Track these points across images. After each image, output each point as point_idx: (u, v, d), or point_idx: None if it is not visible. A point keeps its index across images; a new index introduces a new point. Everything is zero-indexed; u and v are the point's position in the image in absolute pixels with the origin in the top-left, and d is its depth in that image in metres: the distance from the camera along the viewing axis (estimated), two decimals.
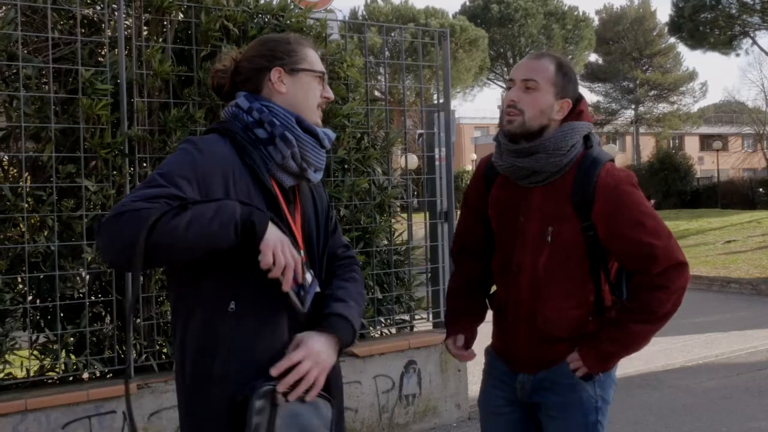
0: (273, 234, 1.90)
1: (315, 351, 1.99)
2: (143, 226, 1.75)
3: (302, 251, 2.11)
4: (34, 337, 4.32)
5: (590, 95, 56.37)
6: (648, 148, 50.53)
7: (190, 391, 2.01)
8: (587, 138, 2.47)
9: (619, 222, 2.36)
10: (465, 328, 2.67)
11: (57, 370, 4.36)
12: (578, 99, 2.50)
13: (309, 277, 2.04)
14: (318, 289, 2.08)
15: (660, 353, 8.09)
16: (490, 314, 2.73)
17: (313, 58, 2.19)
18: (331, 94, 2.23)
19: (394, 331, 5.67)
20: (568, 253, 2.41)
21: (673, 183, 35.62)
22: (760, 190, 33.54)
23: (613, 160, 2.47)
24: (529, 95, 2.41)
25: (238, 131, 2.06)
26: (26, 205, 4.15)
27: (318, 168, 2.16)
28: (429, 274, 5.94)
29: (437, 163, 6.04)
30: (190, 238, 1.80)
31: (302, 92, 2.15)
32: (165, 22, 4.66)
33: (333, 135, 2.22)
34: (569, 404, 2.46)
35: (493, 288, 2.72)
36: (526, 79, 2.43)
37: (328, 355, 2.02)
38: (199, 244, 1.83)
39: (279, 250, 1.89)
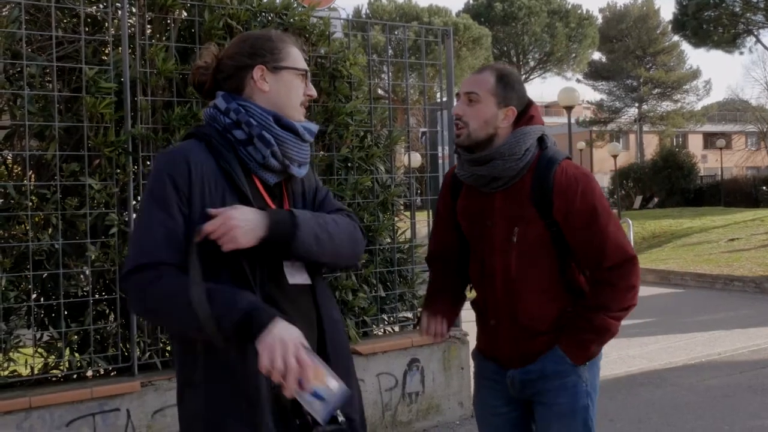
0: (276, 334, 1.78)
1: (231, 213, 1.91)
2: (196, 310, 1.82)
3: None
4: (38, 335, 4.33)
5: (594, 93, 56.39)
6: (651, 146, 50.45)
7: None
8: (542, 140, 2.58)
9: (574, 217, 2.46)
10: (444, 310, 2.78)
11: (61, 367, 4.37)
12: (527, 105, 2.60)
13: (334, 384, 1.78)
14: (341, 399, 1.82)
15: (663, 351, 8.09)
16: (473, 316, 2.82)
17: (295, 55, 2.17)
18: (313, 92, 2.21)
19: (397, 329, 5.67)
20: (537, 251, 2.52)
21: (676, 181, 35.59)
22: (764, 188, 33.50)
23: (569, 158, 2.58)
24: (472, 107, 2.54)
25: (214, 135, 2.06)
26: (30, 204, 4.16)
27: (302, 162, 2.15)
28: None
29: (440, 161, 6.05)
30: (197, 313, 1.83)
31: (285, 90, 2.13)
32: (168, 21, 4.66)
33: (315, 127, 2.21)
34: (559, 389, 2.55)
35: (473, 293, 2.80)
36: (468, 92, 2.55)
37: (248, 220, 1.92)
38: (202, 321, 1.82)
39: (278, 353, 1.75)
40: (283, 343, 1.77)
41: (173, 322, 1.95)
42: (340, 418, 1.91)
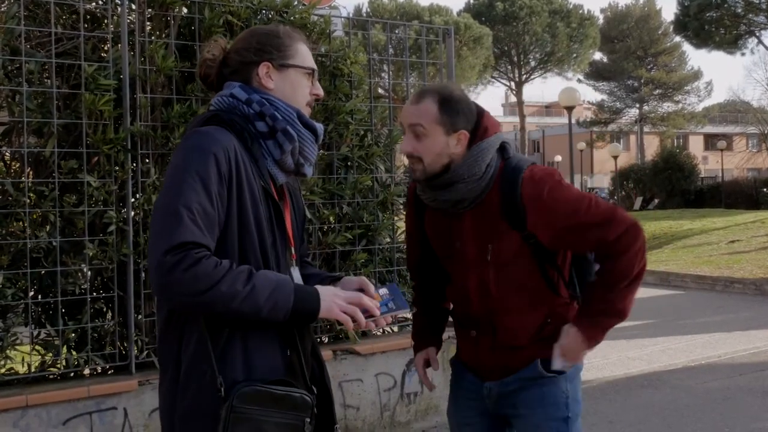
0: (326, 301, 1.94)
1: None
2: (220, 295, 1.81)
3: (293, 248, 2.13)
4: (35, 333, 4.31)
5: (594, 94, 56.50)
6: (652, 147, 50.45)
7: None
8: (503, 149, 2.45)
9: (558, 221, 2.34)
10: (432, 342, 2.80)
11: (58, 365, 4.35)
12: (478, 117, 2.45)
13: (383, 290, 2.11)
14: (395, 291, 2.13)
15: (662, 353, 8.08)
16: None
17: (303, 53, 2.15)
18: (320, 91, 2.19)
19: (396, 329, 5.65)
20: (514, 266, 2.42)
21: (677, 182, 35.57)
22: (765, 189, 33.48)
23: (533, 163, 2.45)
24: (421, 142, 2.39)
25: (239, 122, 2.02)
26: (28, 201, 4.14)
27: (312, 163, 2.15)
28: None
29: None
30: (241, 310, 1.84)
31: (290, 89, 2.11)
32: (168, 18, 4.64)
33: (323, 128, 2.21)
34: (536, 400, 2.47)
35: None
36: (413, 124, 2.40)
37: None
38: (245, 315, 1.86)
39: (344, 310, 1.95)
40: (336, 304, 1.95)
41: (223, 307, 1.84)
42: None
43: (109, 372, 4.47)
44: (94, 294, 4.44)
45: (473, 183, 2.38)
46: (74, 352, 4.35)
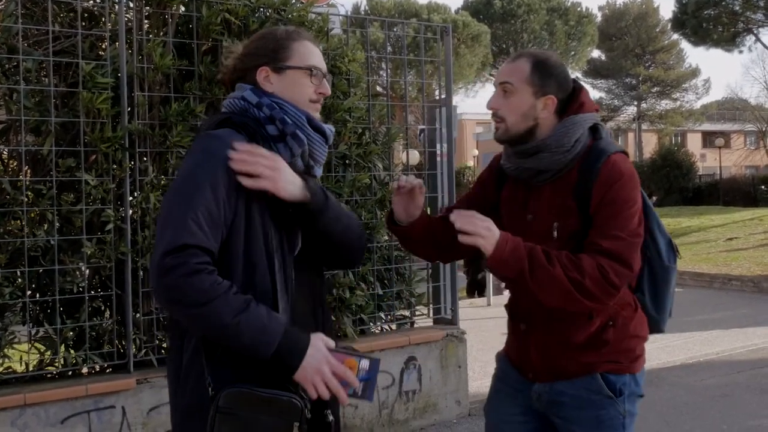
0: (309, 363, 1.88)
1: (281, 163, 2.00)
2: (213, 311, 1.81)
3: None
4: (33, 332, 4.31)
5: (593, 91, 56.31)
6: (650, 144, 50.43)
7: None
8: (595, 129, 2.38)
9: (602, 207, 2.25)
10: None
11: (56, 364, 4.34)
12: (575, 91, 2.41)
13: (366, 363, 1.98)
14: (377, 370, 2.00)
15: (661, 350, 8.08)
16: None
17: (302, 52, 2.13)
18: (327, 90, 2.18)
19: (394, 327, 5.66)
20: (577, 249, 2.27)
21: (675, 180, 35.59)
22: (762, 187, 33.51)
23: (624, 152, 2.37)
24: (507, 100, 2.36)
25: (252, 125, 2.04)
26: (26, 199, 4.13)
27: (321, 164, 2.18)
28: (430, 270, 5.93)
29: (439, 159, 6.02)
30: (219, 338, 1.85)
31: (290, 90, 2.10)
32: (166, 16, 4.64)
33: (333, 131, 2.23)
34: (593, 422, 2.35)
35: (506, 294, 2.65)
36: (503, 82, 2.37)
37: (293, 177, 2.01)
38: (224, 342, 1.86)
39: (318, 381, 1.88)
40: (318, 371, 1.88)
41: (205, 329, 1.86)
42: (330, 418, 2.03)
43: (107, 371, 4.47)
44: (92, 292, 4.44)
45: (560, 155, 2.32)
46: (72, 351, 4.34)
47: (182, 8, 4.73)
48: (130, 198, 4.43)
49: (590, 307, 2.23)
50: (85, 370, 4.44)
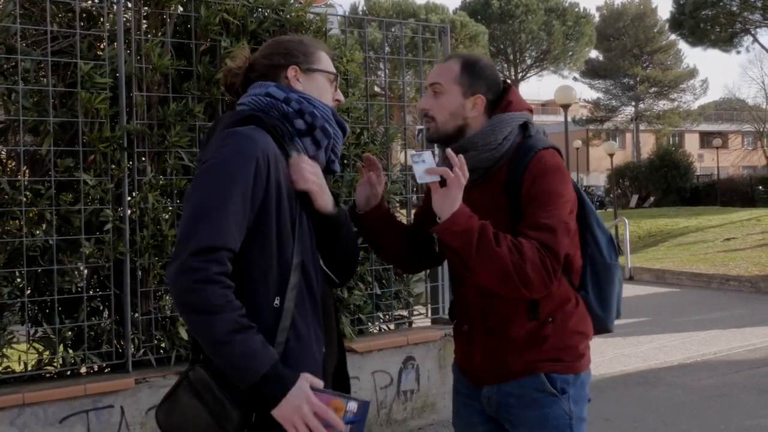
0: (289, 400, 1.85)
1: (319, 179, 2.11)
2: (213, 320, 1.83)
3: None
4: (32, 331, 4.31)
5: (590, 92, 56.48)
6: (648, 145, 50.47)
7: None
8: (525, 127, 2.40)
9: (531, 206, 2.25)
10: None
11: (55, 364, 4.34)
12: (504, 90, 2.45)
13: (353, 405, 1.93)
14: (365, 412, 1.97)
15: (658, 350, 8.10)
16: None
17: (327, 60, 2.22)
18: (342, 98, 2.26)
19: (392, 327, 5.66)
20: None
21: (672, 180, 35.60)
22: (760, 187, 33.56)
23: (555, 148, 2.37)
24: (437, 100, 2.40)
25: (278, 125, 2.06)
26: (24, 199, 4.14)
27: (338, 160, 2.23)
28: (428, 270, 5.93)
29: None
30: (210, 352, 1.87)
31: (316, 92, 2.16)
32: (164, 16, 4.64)
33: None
34: (537, 420, 2.35)
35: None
36: (432, 83, 2.42)
37: (328, 192, 2.13)
38: (220, 361, 1.87)
39: (298, 421, 1.85)
40: (298, 410, 1.85)
41: (200, 336, 1.88)
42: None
43: (106, 370, 4.47)
44: (91, 292, 4.44)
45: (487, 152, 2.34)
46: (71, 351, 4.35)
47: (180, 8, 4.73)
48: (129, 198, 4.43)
49: (523, 294, 2.21)
50: (83, 369, 4.43)
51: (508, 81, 2.51)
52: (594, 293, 2.47)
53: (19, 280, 4.17)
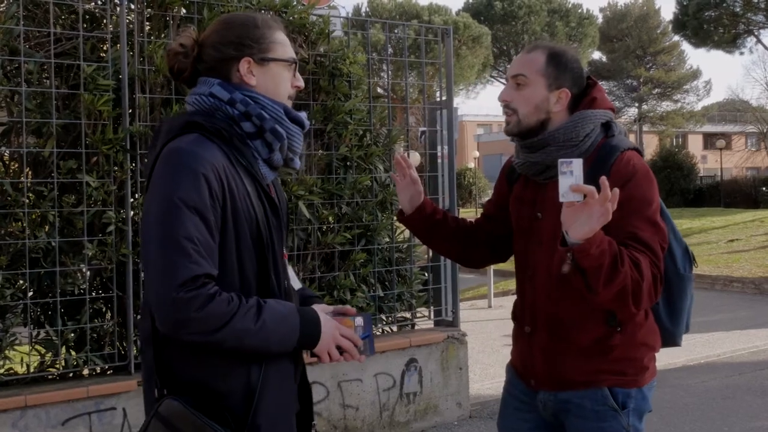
0: (325, 333, 1.95)
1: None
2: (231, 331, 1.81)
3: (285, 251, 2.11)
4: (34, 333, 4.31)
5: None
6: (651, 146, 50.41)
7: None
8: (608, 126, 2.32)
9: (622, 211, 2.06)
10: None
11: (57, 366, 4.35)
12: (588, 86, 2.37)
13: (359, 320, 2.08)
14: (371, 330, 2.10)
15: (662, 352, 7.97)
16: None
17: (283, 43, 2.03)
18: (301, 83, 2.09)
19: (395, 329, 5.65)
20: None
21: (676, 181, 35.54)
22: (764, 188, 33.45)
23: (637, 150, 2.29)
24: (520, 92, 2.31)
25: (225, 128, 1.91)
26: (27, 201, 4.14)
27: (299, 154, 2.09)
28: (431, 272, 5.93)
29: (439, 160, 6.03)
30: (252, 345, 1.84)
31: (273, 84, 2.01)
32: (167, 18, 4.64)
33: (306, 118, 2.14)
34: None
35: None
36: (516, 74, 2.32)
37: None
38: (255, 349, 1.86)
39: (333, 350, 1.97)
40: (333, 338, 1.97)
41: (234, 345, 1.82)
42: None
43: (108, 372, 4.47)
44: (93, 294, 4.44)
45: (567, 149, 2.26)
46: (73, 353, 4.35)
47: (183, 10, 4.74)
48: (132, 200, 4.43)
49: (629, 311, 2.12)
50: (86, 371, 4.44)
51: (593, 77, 2.42)
52: (664, 305, 2.40)
53: (21, 281, 4.17)
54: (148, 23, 4.64)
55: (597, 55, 54.18)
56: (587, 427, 2.28)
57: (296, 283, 2.16)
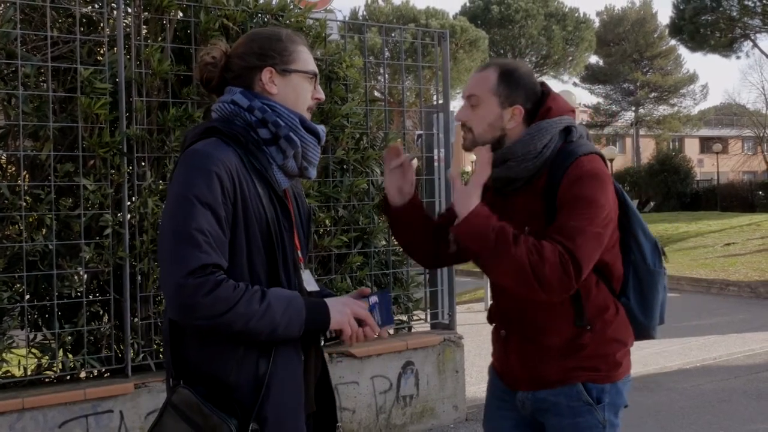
0: (336, 316, 2.02)
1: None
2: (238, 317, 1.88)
3: (299, 251, 2.16)
4: (31, 336, 4.32)
5: (590, 97, 56.38)
6: (648, 150, 50.51)
7: None
8: (568, 131, 2.34)
9: (563, 208, 2.20)
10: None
11: (54, 368, 4.35)
12: (542, 97, 2.38)
13: (374, 298, 2.14)
14: (389, 304, 2.17)
15: (657, 356, 8.09)
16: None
17: (305, 57, 2.13)
18: (322, 95, 2.19)
19: (391, 332, 5.66)
20: None
21: (672, 185, 35.62)
22: (760, 193, 33.56)
23: (598, 153, 2.31)
24: (474, 112, 2.35)
25: (241, 133, 2.02)
26: (24, 204, 4.15)
27: (315, 165, 2.16)
28: (427, 275, 5.94)
29: (436, 164, 6.04)
30: (258, 328, 1.89)
31: (293, 94, 2.11)
32: (164, 21, 4.65)
33: (324, 131, 2.22)
34: (571, 428, 2.33)
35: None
36: (469, 95, 2.36)
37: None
38: (262, 332, 1.91)
39: (352, 321, 2.04)
40: (347, 307, 2.04)
41: (240, 329, 1.89)
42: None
43: (106, 375, 4.47)
44: (90, 297, 4.45)
45: (527, 161, 2.29)
46: (70, 356, 4.35)
47: (180, 14, 4.75)
48: (129, 203, 4.44)
49: (540, 296, 2.17)
50: (83, 374, 4.44)
51: (547, 85, 2.44)
52: (636, 300, 2.44)
53: (18, 284, 4.18)
54: (144, 27, 4.65)
55: (594, 59, 54.24)
56: (564, 423, 2.34)
57: (312, 286, 2.19)
